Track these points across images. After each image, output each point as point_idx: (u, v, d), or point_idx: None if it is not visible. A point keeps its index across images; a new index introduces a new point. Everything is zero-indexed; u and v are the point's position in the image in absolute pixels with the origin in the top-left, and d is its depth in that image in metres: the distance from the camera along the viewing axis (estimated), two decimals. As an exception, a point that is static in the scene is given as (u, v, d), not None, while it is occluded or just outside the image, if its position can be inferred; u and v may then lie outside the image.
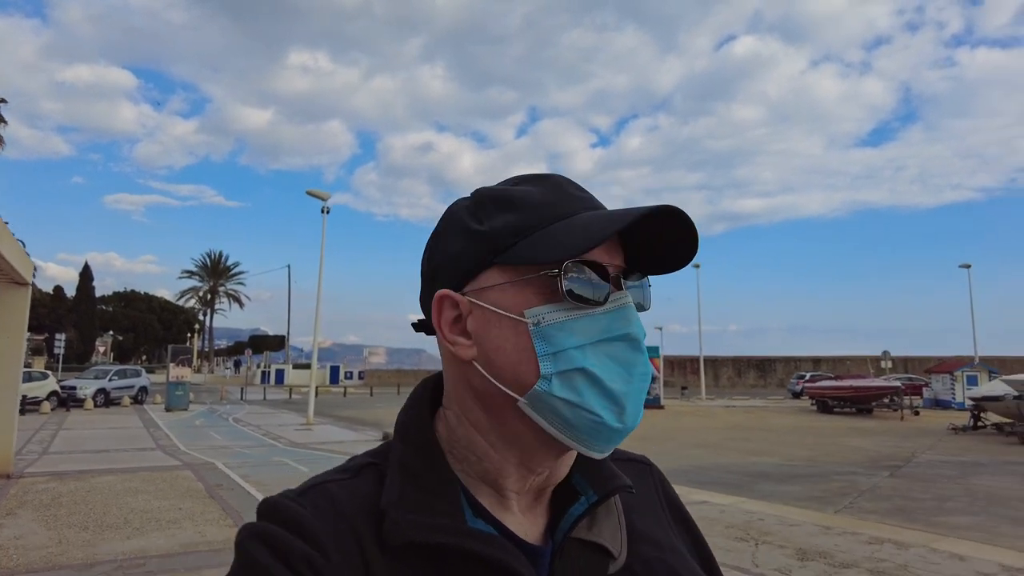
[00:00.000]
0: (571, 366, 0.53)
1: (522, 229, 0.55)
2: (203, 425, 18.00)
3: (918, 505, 8.26)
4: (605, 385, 0.53)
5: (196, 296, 69.54)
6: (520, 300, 0.55)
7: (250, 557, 0.50)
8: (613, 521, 0.61)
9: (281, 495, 0.55)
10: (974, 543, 6.12)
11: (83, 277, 61.84)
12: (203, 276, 69.20)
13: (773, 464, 11.78)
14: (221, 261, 70.02)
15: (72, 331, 56.32)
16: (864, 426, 19.98)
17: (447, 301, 0.57)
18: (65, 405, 22.37)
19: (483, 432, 0.57)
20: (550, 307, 0.54)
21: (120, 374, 26.20)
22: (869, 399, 24.77)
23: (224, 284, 69.92)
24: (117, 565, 4.95)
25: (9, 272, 7.40)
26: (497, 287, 0.56)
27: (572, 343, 0.53)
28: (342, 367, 51.62)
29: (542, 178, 0.60)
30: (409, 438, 0.59)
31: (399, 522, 0.52)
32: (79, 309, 60.03)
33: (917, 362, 43.46)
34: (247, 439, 14.80)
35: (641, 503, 0.67)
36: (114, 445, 12.90)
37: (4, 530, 6.00)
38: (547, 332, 0.53)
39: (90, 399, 23.11)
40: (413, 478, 0.56)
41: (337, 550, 0.51)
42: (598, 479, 0.61)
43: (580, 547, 0.57)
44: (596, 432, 0.54)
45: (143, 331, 68.50)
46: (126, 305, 69.80)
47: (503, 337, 0.55)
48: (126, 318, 67.74)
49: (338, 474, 0.58)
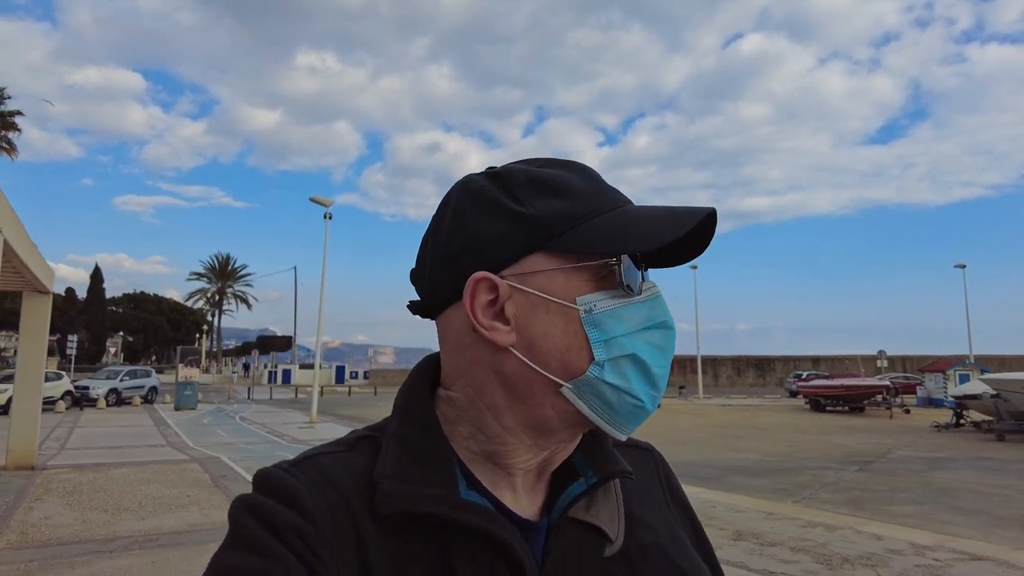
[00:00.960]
0: (622, 352, 0.54)
1: (575, 216, 0.55)
2: (211, 423, 18.70)
3: (872, 496, 8.80)
4: (651, 370, 0.55)
5: (204, 297, 70.70)
6: (571, 287, 0.54)
7: (241, 528, 0.50)
8: (612, 505, 0.61)
9: (275, 466, 0.56)
10: (896, 526, 6.74)
11: (94, 279, 62.97)
12: (211, 278, 70.33)
13: (752, 459, 12.26)
14: (229, 263, 71.15)
15: (83, 332, 57.40)
16: (852, 424, 20.43)
17: (484, 284, 0.55)
18: (79, 404, 23.19)
19: (500, 416, 0.57)
20: (600, 294, 0.55)
21: (131, 374, 27.08)
22: (860, 398, 25.24)
23: (232, 286, 71.04)
24: (134, 540, 5.70)
25: (33, 282, 8.21)
26: (545, 273, 0.55)
27: (622, 330, 0.54)
28: (347, 367, 52.52)
29: (570, 164, 0.60)
30: (407, 413, 0.59)
31: (391, 493, 0.52)
32: (90, 311, 61.11)
33: (916, 361, 43.79)
34: (252, 436, 15.51)
35: (642, 489, 0.67)
36: (127, 442, 13.66)
37: (34, 512, 6.76)
38: (599, 319, 0.54)
39: (102, 399, 23.97)
40: (408, 450, 0.56)
41: (328, 521, 0.51)
42: (599, 462, 0.61)
43: (577, 527, 0.58)
44: (633, 415, 0.55)
45: (153, 332, 69.58)
46: (136, 306, 70.91)
47: (551, 323, 0.54)
48: (136, 319, 68.84)
49: (333, 447, 0.59)
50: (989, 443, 15.43)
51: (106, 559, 5.11)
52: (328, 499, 0.52)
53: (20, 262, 6.63)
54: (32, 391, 9.51)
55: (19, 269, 6.75)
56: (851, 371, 31.91)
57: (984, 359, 40.95)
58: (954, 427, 18.69)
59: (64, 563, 5.02)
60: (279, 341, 72.04)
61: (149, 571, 4.84)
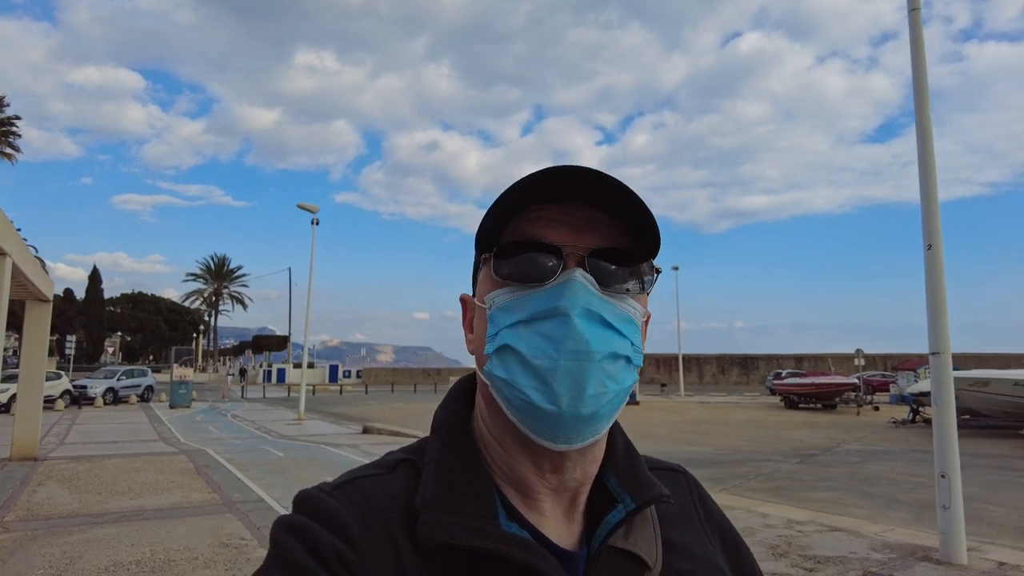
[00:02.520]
0: (501, 343, 0.55)
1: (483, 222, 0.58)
2: (203, 421, 19.53)
3: (796, 484, 9.48)
4: (528, 361, 0.53)
5: (201, 298, 71.63)
6: (484, 289, 0.59)
7: (283, 550, 0.50)
8: (648, 531, 0.60)
9: (316, 488, 0.56)
10: (783, 506, 7.68)
11: (92, 280, 63.83)
12: (207, 279, 71.29)
13: (704, 452, 12.90)
14: (224, 264, 72.07)
15: (82, 332, 58.25)
16: (817, 420, 21.11)
17: (465, 303, 0.64)
18: (77, 403, 24.05)
19: (490, 426, 0.59)
20: (499, 291, 0.56)
21: (128, 374, 27.93)
22: (830, 395, 26.16)
23: (228, 287, 71.99)
24: (123, 515, 6.68)
25: (36, 293, 9.17)
26: (481, 282, 0.60)
27: (506, 322, 0.55)
28: (340, 366, 53.47)
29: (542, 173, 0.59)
30: (446, 436, 0.60)
31: (434, 523, 0.52)
32: (88, 311, 61.92)
33: (896, 359, 44.74)
34: (241, 432, 16.38)
35: (677, 513, 0.66)
36: (122, 437, 14.59)
37: (37, 494, 7.76)
38: (493, 315, 0.56)
39: (100, 397, 24.81)
40: (448, 477, 0.56)
41: (370, 547, 0.51)
42: (636, 487, 0.61)
43: (616, 555, 0.57)
44: (532, 415, 0.54)
45: (150, 332, 70.42)
46: (134, 306, 71.73)
47: (479, 325, 0.59)
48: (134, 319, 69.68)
49: (373, 469, 0.59)
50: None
51: (98, 528, 6.09)
52: (370, 525, 0.53)
53: (25, 278, 7.59)
54: (34, 390, 10.51)
55: (24, 283, 7.68)
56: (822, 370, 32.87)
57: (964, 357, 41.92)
58: (911, 423, 19.55)
59: (63, 531, 6.00)
60: (274, 341, 72.89)
61: (134, 537, 5.81)
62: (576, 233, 0.57)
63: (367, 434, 16.20)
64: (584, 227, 0.57)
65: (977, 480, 9.63)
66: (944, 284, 5.55)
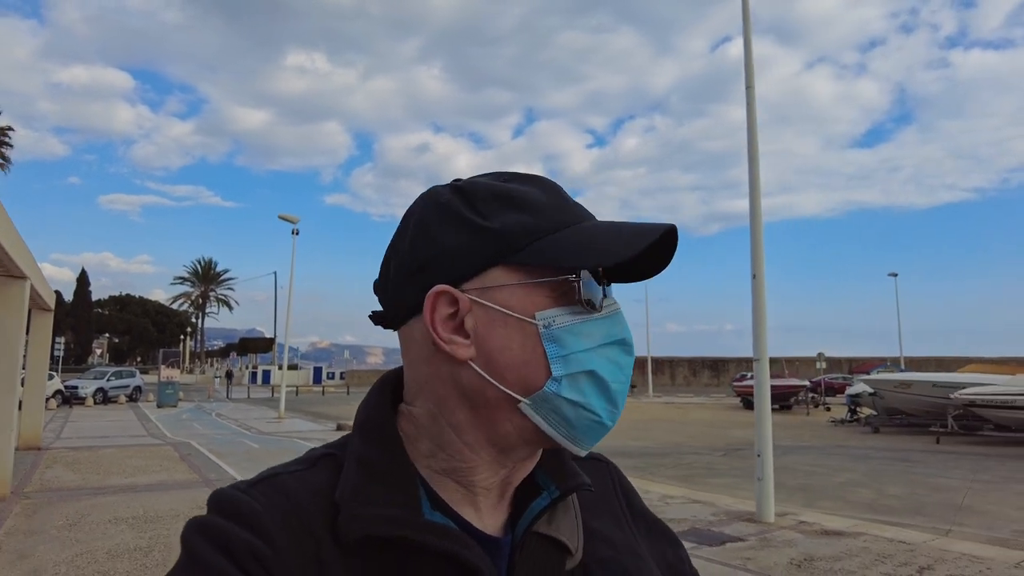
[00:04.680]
0: (580, 368, 0.54)
1: (534, 231, 0.55)
2: (188, 419, 20.85)
3: (705, 472, 10.50)
4: (608, 386, 0.55)
5: (188, 300, 72.74)
6: (530, 302, 0.54)
7: (193, 551, 0.49)
8: (571, 518, 0.61)
9: (231, 487, 0.54)
10: (670, 486, 9.17)
11: (80, 282, 64.79)
12: (194, 282, 72.45)
13: (639, 446, 13.96)
14: (211, 267, 73.26)
15: (70, 334, 59.17)
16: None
17: (444, 297, 0.55)
18: (68, 403, 25.27)
19: (461, 432, 0.56)
20: (560, 310, 0.54)
21: (117, 375, 29.20)
22: (784, 396, 27.83)
23: (215, 289, 73.17)
24: (119, 488, 8.24)
25: (41, 304, 10.61)
26: (506, 287, 0.55)
27: (581, 346, 0.54)
28: (324, 368, 54.87)
29: (535, 179, 0.60)
30: (368, 431, 0.58)
31: (354, 515, 0.52)
32: (76, 313, 62.83)
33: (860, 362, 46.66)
34: (223, 429, 17.79)
35: (598, 502, 0.67)
36: (113, 432, 16.01)
37: (46, 473, 9.31)
38: (557, 335, 0.54)
39: (90, 397, 26.04)
40: (369, 471, 0.55)
41: (287, 542, 0.50)
42: (560, 475, 0.62)
43: (539, 541, 0.58)
44: (592, 431, 0.56)
45: (138, 334, 71.41)
46: (121, 309, 72.70)
47: (509, 337, 0.54)
48: (122, 321, 70.63)
49: (293, 465, 0.58)
50: (865, 435, 16.91)
51: (100, 497, 7.66)
52: (287, 520, 0.51)
53: (36, 293, 9.05)
54: (37, 388, 12.05)
55: (34, 297, 9.11)
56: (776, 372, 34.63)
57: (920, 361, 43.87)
58: (849, 422, 21.12)
59: (72, 499, 7.54)
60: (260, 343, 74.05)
61: (130, 502, 7.35)
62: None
63: (340, 430, 17.60)
64: None
65: (867, 468, 11.05)
66: (765, 305, 7.15)
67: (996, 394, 15.75)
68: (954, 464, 11.75)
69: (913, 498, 8.79)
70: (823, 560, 5.26)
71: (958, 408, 16.28)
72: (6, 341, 7.53)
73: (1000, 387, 16.04)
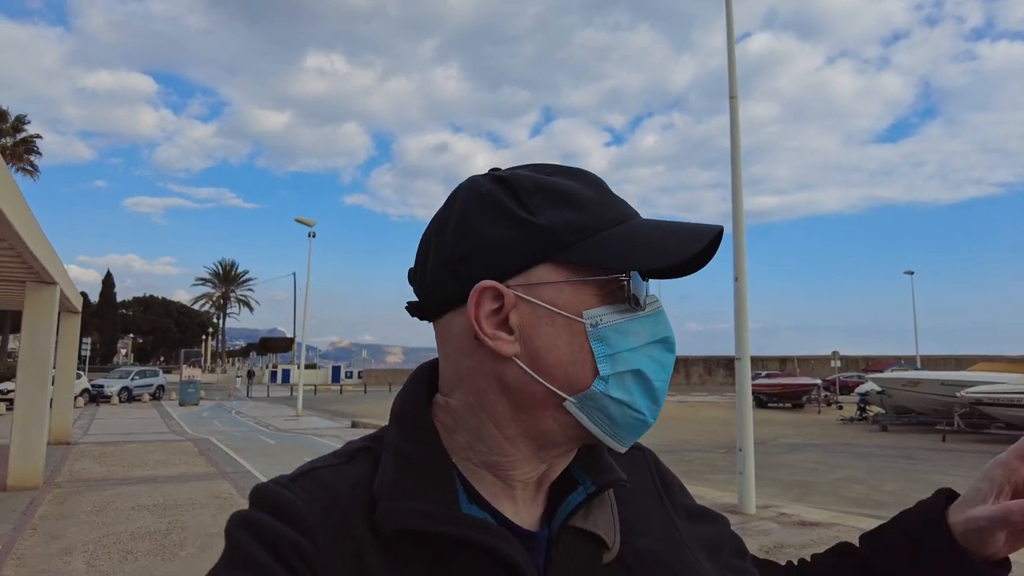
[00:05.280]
0: (627, 368, 0.54)
1: (584, 229, 0.55)
2: (209, 416, 21.55)
3: (706, 468, 10.61)
4: (652, 385, 0.55)
5: (210, 301, 74.29)
6: (578, 300, 0.54)
7: (238, 546, 0.49)
8: (607, 511, 0.61)
9: (272, 481, 0.55)
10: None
11: (105, 284, 66.47)
12: (215, 283, 73.98)
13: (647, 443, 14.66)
14: (232, 269, 74.74)
15: (96, 335, 60.74)
16: (776, 418, 22.51)
17: (489, 292, 0.54)
18: (95, 401, 26.14)
19: (501, 425, 0.56)
20: (607, 309, 0.54)
21: (141, 374, 30.14)
22: (796, 395, 27.92)
23: (235, 290, 74.62)
24: (142, 479, 8.82)
25: (69, 307, 11.25)
26: (553, 284, 0.54)
27: (627, 345, 0.54)
28: (343, 367, 55.73)
29: (578, 173, 0.60)
30: (405, 423, 0.59)
31: (391, 509, 0.52)
32: (102, 314, 64.42)
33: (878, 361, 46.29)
34: (242, 426, 18.41)
35: (635, 491, 0.66)
36: (137, 429, 16.72)
37: (75, 466, 9.96)
38: (604, 334, 0.54)
39: (116, 396, 26.91)
40: (406, 464, 0.55)
41: (327, 537, 0.50)
42: (596, 470, 0.61)
43: (576, 535, 0.58)
44: (634, 428, 0.56)
45: (161, 334, 72.98)
46: (145, 310, 74.34)
47: (556, 335, 0.54)
48: (145, 322, 72.26)
49: (332, 459, 0.58)
50: (873, 433, 16.91)
51: (124, 487, 8.24)
52: (327, 514, 0.52)
53: (65, 297, 9.65)
54: (67, 386, 12.73)
55: (62, 300, 9.71)
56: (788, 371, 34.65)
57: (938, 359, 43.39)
58: (859, 420, 21.15)
59: (99, 488, 8.13)
60: (280, 342, 75.27)
61: (152, 491, 7.92)
62: None
63: (354, 427, 18.13)
64: None
65: (867, 466, 11.19)
66: (747, 307, 7.47)
67: (1003, 392, 15.76)
68: (956, 462, 11.77)
69: (906, 494, 8.93)
70: (792, 548, 5.56)
71: (965, 406, 16.30)
72: (38, 343, 8.11)
73: (1008, 386, 16.02)
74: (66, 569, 4.97)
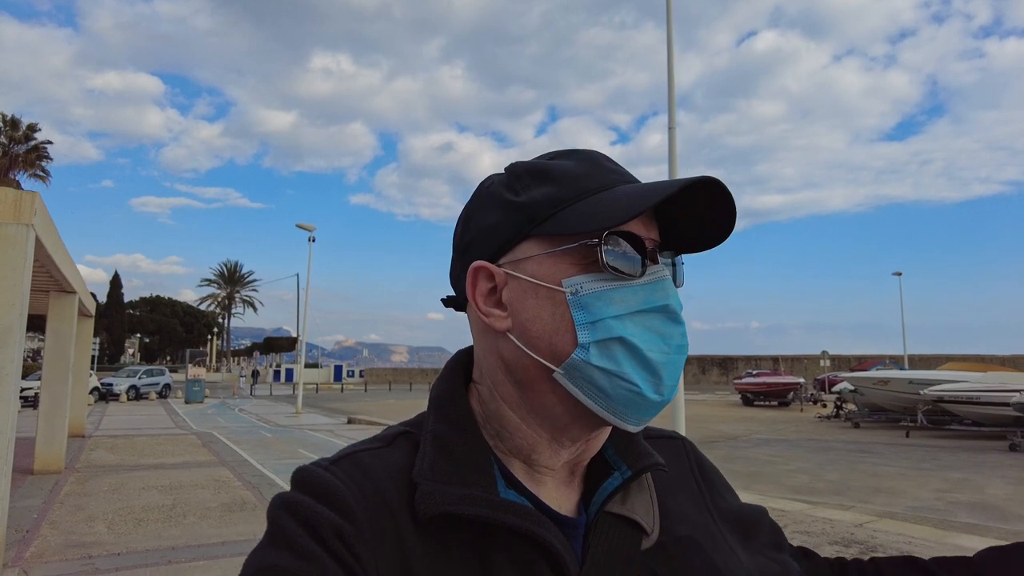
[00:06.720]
0: (609, 335, 0.53)
1: (560, 200, 0.56)
2: (213, 414, 22.53)
3: None
4: (643, 354, 0.54)
5: (215, 301, 75.57)
6: (558, 270, 0.55)
7: (281, 528, 0.50)
8: (645, 497, 0.61)
9: (314, 464, 0.55)
10: None
11: (113, 285, 67.68)
12: (221, 283, 75.26)
13: None
14: (237, 270, 76.03)
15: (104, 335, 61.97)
16: (757, 415, 23.18)
17: (482, 273, 0.58)
18: (105, 399, 27.22)
19: (514, 406, 0.58)
20: (588, 276, 0.54)
21: (148, 373, 31.20)
22: (780, 393, 28.74)
23: (239, 291, 75.90)
24: (150, 466, 9.96)
25: (84, 311, 12.32)
26: (534, 258, 0.56)
27: (610, 312, 0.54)
28: (344, 366, 56.87)
29: (577, 152, 0.61)
30: (443, 409, 0.60)
31: (431, 494, 0.52)
32: (109, 314, 65.56)
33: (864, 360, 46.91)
34: (244, 422, 19.38)
35: (675, 481, 0.67)
36: (145, 425, 17.79)
37: (91, 455, 11.12)
38: (585, 301, 0.54)
39: (124, 394, 28.03)
40: (446, 449, 0.56)
41: (369, 521, 0.51)
42: (632, 455, 0.62)
43: (614, 521, 0.58)
44: (633, 403, 0.54)
45: (167, 334, 74.20)
46: (152, 310, 75.56)
47: (540, 307, 0.55)
48: (152, 322, 73.48)
49: (371, 443, 0.59)
50: (844, 430, 17.43)
51: (135, 472, 9.37)
52: (369, 498, 0.53)
53: (82, 304, 10.74)
54: (82, 384, 13.89)
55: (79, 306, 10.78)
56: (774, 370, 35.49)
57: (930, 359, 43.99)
58: (835, 418, 21.87)
59: (113, 473, 9.25)
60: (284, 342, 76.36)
61: (159, 475, 9.04)
62: (647, 226, 0.58)
63: (350, 424, 19.05)
64: (650, 220, 0.58)
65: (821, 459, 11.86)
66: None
67: (963, 391, 16.58)
68: (906, 455, 12.48)
69: (843, 482, 9.66)
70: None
71: (928, 404, 17.15)
72: (60, 345, 9.18)
73: (969, 384, 16.83)
74: (91, 530, 6.05)
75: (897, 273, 40.11)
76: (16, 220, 4.99)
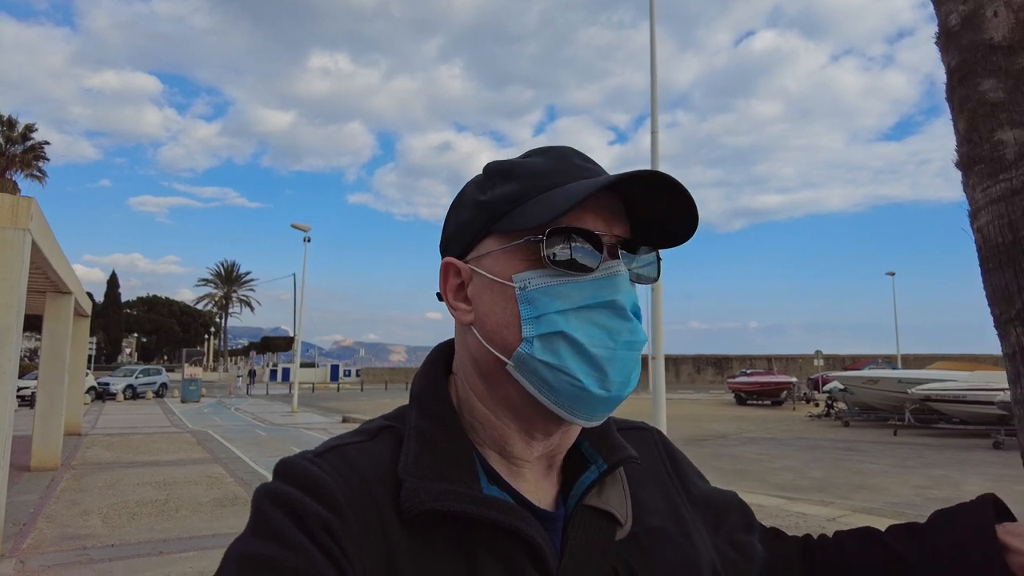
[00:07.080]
0: (551, 329, 0.55)
1: (518, 197, 0.58)
2: (209, 413, 22.61)
3: None
4: (586, 350, 0.55)
5: (212, 301, 75.66)
6: (509, 266, 0.57)
7: (266, 518, 0.50)
8: (619, 490, 0.63)
9: (299, 456, 0.55)
10: None
11: (110, 284, 67.71)
12: (218, 283, 75.37)
13: None
14: (234, 270, 76.12)
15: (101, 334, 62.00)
16: (748, 414, 23.33)
17: (451, 269, 0.61)
18: (101, 398, 27.38)
19: (482, 398, 0.60)
20: (535, 272, 0.56)
21: (144, 372, 31.32)
22: (773, 392, 28.95)
23: (237, 291, 75.99)
24: (145, 463, 10.15)
25: (80, 311, 12.52)
26: (492, 254, 0.59)
27: (554, 308, 0.55)
28: (341, 366, 57.03)
29: (549, 150, 0.63)
30: (424, 404, 0.61)
31: (417, 490, 0.53)
32: (107, 314, 65.57)
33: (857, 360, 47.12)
34: (240, 421, 19.50)
35: (645, 472, 0.69)
36: (141, 423, 17.92)
37: (87, 452, 11.31)
38: (531, 296, 0.56)
39: (121, 393, 28.10)
40: (429, 445, 0.57)
41: (355, 514, 0.52)
42: (606, 448, 0.64)
43: (591, 514, 0.60)
44: (578, 398, 0.56)
45: (164, 333, 74.23)
46: (149, 309, 75.58)
47: (494, 301, 0.58)
48: (149, 321, 73.52)
49: (355, 436, 0.60)
50: (834, 429, 17.62)
51: (130, 469, 9.57)
52: (355, 492, 0.53)
53: (78, 304, 10.93)
54: (78, 383, 14.07)
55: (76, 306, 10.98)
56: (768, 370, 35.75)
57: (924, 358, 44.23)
58: (825, 417, 21.97)
59: (109, 469, 9.44)
60: (281, 341, 76.45)
61: (154, 472, 9.24)
62: (608, 222, 0.58)
63: (345, 422, 19.22)
64: (613, 217, 0.59)
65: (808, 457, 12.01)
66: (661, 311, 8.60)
67: (949, 389, 16.79)
68: (891, 453, 12.61)
69: (826, 479, 9.78)
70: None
71: (915, 403, 17.36)
72: (56, 345, 9.36)
73: (956, 383, 17.04)
74: (86, 524, 6.24)
75: (890, 273, 40.37)
76: (13, 225, 5.18)
